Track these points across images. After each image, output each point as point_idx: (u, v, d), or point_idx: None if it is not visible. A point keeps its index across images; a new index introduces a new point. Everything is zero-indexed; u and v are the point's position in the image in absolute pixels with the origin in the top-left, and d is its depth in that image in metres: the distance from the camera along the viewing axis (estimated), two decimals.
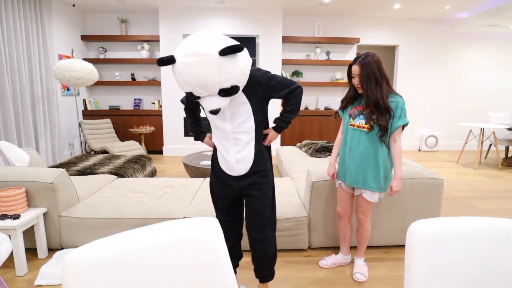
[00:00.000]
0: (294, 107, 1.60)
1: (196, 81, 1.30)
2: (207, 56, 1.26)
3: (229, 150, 1.58)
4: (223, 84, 1.31)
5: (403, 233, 2.38)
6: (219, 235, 0.93)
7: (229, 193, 1.67)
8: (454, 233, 0.90)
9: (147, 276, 0.81)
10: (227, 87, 1.33)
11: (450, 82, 6.44)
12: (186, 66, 1.29)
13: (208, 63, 1.26)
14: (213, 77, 1.29)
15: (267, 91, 1.53)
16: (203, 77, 1.29)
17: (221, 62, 1.27)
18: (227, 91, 1.34)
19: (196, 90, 1.34)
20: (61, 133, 4.88)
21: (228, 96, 1.37)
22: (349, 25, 6.08)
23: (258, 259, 1.73)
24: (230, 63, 1.29)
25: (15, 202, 2.09)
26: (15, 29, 3.92)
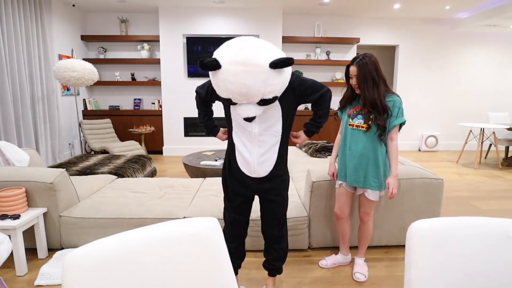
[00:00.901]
0: (325, 112, 1.63)
1: (240, 90, 1.27)
2: (258, 68, 1.23)
3: (252, 151, 1.55)
4: (267, 95, 1.30)
5: (403, 233, 2.38)
6: (219, 235, 0.93)
7: (245, 193, 1.67)
8: (454, 233, 0.90)
9: (147, 276, 0.81)
10: (268, 98, 1.33)
11: (450, 82, 6.44)
12: (233, 74, 1.25)
13: (257, 74, 1.24)
14: (259, 88, 1.27)
15: (299, 96, 1.53)
16: (249, 87, 1.26)
17: (270, 74, 1.25)
18: (267, 101, 1.34)
19: (236, 97, 1.31)
20: (61, 133, 4.87)
21: (267, 105, 1.37)
22: (349, 25, 6.08)
23: (272, 255, 1.79)
24: (278, 75, 1.28)
25: (15, 202, 2.09)
26: (15, 29, 3.92)
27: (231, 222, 1.73)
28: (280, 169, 1.62)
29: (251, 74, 1.24)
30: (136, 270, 0.80)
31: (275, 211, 1.70)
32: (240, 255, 1.81)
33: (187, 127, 5.94)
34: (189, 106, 5.82)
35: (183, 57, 5.69)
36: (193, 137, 5.97)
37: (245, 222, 1.76)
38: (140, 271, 0.80)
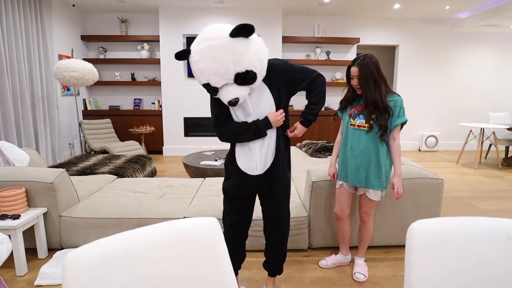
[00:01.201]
0: (319, 97, 1.58)
1: (210, 67, 1.29)
2: (219, 39, 1.26)
3: (252, 146, 1.55)
4: (237, 67, 1.29)
5: (403, 233, 2.38)
6: (219, 235, 0.93)
7: (246, 194, 1.66)
8: (454, 233, 0.90)
9: (147, 276, 0.81)
10: (241, 71, 1.30)
11: (450, 82, 6.44)
12: (200, 52, 1.29)
13: (219, 46, 1.26)
14: (226, 59, 1.27)
15: (289, 82, 1.51)
16: (217, 60, 1.27)
17: (232, 43, 1.26)
18: (243, 77, 1.32)
19: (212, 78, 1.32)
20: (61, 133, 4.88)
21: (246, 84, 1.35)
22: (349, 25, 6.08)
23: (273, 256, 1.79)
24: (241, 44, 1.28)
25: (15, 202, 2.09)
26: (15, 29, 3.92)
27: (230, 223, 1.71)
28: (281, 166, 1.60)
29: (214, 47, 1.26)
30: (136, 270, 0.80)
31: (278, 208, 1.69)
32: (239, 257, 1.81)
33: (187, 127, 5.93)
34: (189, 106, 5.82)
35: None
36: (193, 137, 5.96)
37: (244, 224, 1.74)
38: (140, 271, 0.80)
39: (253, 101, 1.50)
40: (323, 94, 1.59)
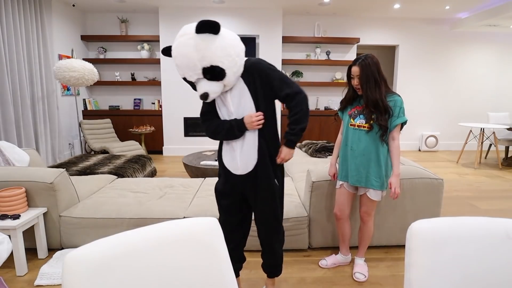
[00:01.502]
0: (298, 116, 1.50)
1: (181, 61, 1.37)
2: (187, 35, 1.34)
3: (234, 145, 1.57)
4: (203, 62, 1.34)
5: (403, 233, 2.38)
6: (219, 235, 0.93)
7: (231, 192, 1.65)
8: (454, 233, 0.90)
9: (147, 276, 0.81)
10: (206, 66, 1.35)
11: (450, 82, 6.44)
12: (175, 48, 1.38)
13: (187, 41, 1.33)
14: (191, 54, 1.33)
15: (265, 84, 1.48)
16: (185, 56, 1.35)
17: (198, 40, 1.32)
18: (210, 73, 1.36)
19: (186, 73, 1.39)
20: (61, 133, 4.87)
21: (215, 80, 1.38)
22: (349, 25, 6.08)
23: (267, 260, 1.78)
24: (205, 40, 1.33)
25: (15, 202, 2.09)
26: (15, 29, 3.92)
27: (222, 223, 1.67)
28: (265, 173, 1.55)
29: (183, 42, 1.34)
30: (136, 270, 0.80)
31: (262, 217, 1.65)
32: (237, 258, 1.78)
33: (187, 127, 5.93)
34: (189, 106, 5.82)
35: None
36: (193, 137, 5.96)
37: (236, 224, 1.70)
38: (140, 271, 0.80)
39: (235, 101, 1.51)
40: (304, 113, 1.51)
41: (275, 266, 1.80)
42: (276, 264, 1.79)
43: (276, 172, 1.63)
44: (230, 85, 1.46)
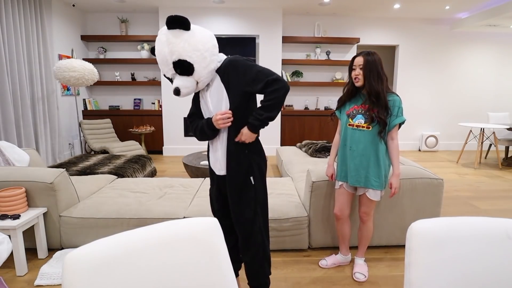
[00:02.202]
0: (271, 104, 1.40)
1: (158, 57, 1.44)
2: (161, 32, 1.42)
3: (215, 145, 1.61)
4: (172, 57, 1.39)
5: (403, 233, 2.38)
6: (219, 235, 0.93)
7: (220, 195, 1.66)
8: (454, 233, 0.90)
9: (147, 276, 0.81)
10: (175, 60, 1.39)
11: (450, 82, 6.44)
12: (155, 46, 1.47)
13: (160, 37, 1.41)
14: (163, 49, 1.40)
15: (243, 80, 1.43)
16: (159, 52, 1.42)
17: (168, 35, 1.39)
18: (180, 67, 1.40)
19: (163, 68, 1.46)
20: (61, 133, 4.88)
21: (185, 75, 1.42)
22: (349, 25, 6.08)
23: (246, 268, 1.66)
24: (175, 35, 1.38)
25: (15, 202, 2.09)
26: (15, 29, 3.92)
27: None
28: (237, 173, 1.52)
29: (158, 39, 1.43)
30: (136, 270, 0.80)
31: (235, 219, 1.58)
32: (234, 258, 1.74)
33: (187, 127, 5.93)
34: (189, 106, 5.79)
35: None
36: (193, 137, 5.95)
37: (230, 227, 1.66)
38: (140, 271, 0.80)
39: (214, 100, 1.52)
40: (278, 101, 1.41)
41: (253, 278, 1.64)
42: (255, 275, 1.63)
43: (253, 171, 1.55)
44: (203, 81, 1.47)
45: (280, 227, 2.28)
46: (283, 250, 2.37)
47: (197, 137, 1.62)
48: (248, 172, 1.55)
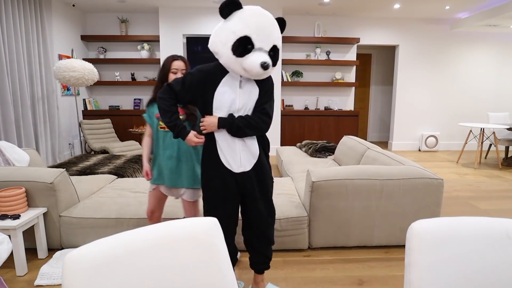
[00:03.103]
0: (254, 123, 1.51)
1: (268, 28, 1.49)
2: (271, 15, 1.52)
3: (231, 143, 1.55)
4: (273, 37, 1.48)
5: (403, 233, 2.38)
6: (219, 235, 0.92)
7: (236, 193, 1.64)
8: (454, 233, 0.90)
9: (147, 276, 0.81)
10: (274, 44, 1.49)
11: (450, 82, 6.44)
12: (264, 14, 1.50)
13: (273, 19, 1.51)
14: (276, 29, 1.51)
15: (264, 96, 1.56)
16: (273, 26, 1.50)
17: (272, 19, 1.49)
18: (274, 51, 1.50)
19: (263, 39, 1.45)
20: (61, 133, 4.88)
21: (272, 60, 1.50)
22: (349, 25, 6.08)
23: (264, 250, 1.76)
24: (276, 25, 1.50)
25: (15, 202, 2.09)
26: (15, 29, 3.92)
27: (227, 229, 1.66)
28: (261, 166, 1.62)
29: (271, 17, 1.50)
30: (136, 270, 0.80)
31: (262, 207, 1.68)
32: (233, 252, 1.79)
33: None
34: None
35: None
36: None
37: (233, 223, 1.71)
38: (140, 271, 0.80)
39: (244, 97, 1.53)
40: (257, 127, 1.52)
41: (269, 258, 1.81)
42: (270, 255, 1.81)
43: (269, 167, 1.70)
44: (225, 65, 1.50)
45: (280, 227, 2.28)
46: (283, 250, 2.37)
47: (160, 113, 1.56)
48: (268, 167, 1.68)
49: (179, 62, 1.82)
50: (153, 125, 1.88)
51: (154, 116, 1.86)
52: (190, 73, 1.56)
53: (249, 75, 1.46)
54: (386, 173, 2.32)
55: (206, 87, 1.52)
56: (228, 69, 1.51)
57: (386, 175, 2.30)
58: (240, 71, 1.45)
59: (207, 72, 1.53)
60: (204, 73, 1.53)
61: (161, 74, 1.83)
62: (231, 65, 1.46)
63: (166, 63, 1.83)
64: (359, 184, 2.27)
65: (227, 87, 1.51)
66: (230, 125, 1.50)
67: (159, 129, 1.85)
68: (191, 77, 1.53)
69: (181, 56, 1.85)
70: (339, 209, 2.30)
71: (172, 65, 1.81)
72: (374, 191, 2.29)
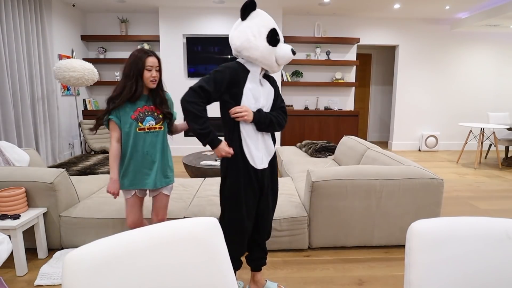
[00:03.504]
0: (278, 119, 1.64)
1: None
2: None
3: (256, 139, 1.61)
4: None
5: (403, 233, 2.38)
6: (219, 235, 0.93)
7: (256, 190, 1.66)
8: (454, 233, 0.90)
9: (147, 276, 0.81)
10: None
11: (450, 82, 6.44)
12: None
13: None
14: None
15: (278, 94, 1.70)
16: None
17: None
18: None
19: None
20: (61, 133, 4.88)
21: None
22: (349, 25, 6.08)
23: (263, 247, 1.82)
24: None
25: (15, 202, 2.09)
26: (15, 29, 3.92)
27: (243, 230, 1.65)
28: (275, 162, 1.74)
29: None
30: (136, 270, 0.80)
31: (273, 201, 1.79)
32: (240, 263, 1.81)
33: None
34: None
35: (183, 57, 5.70)
36: (193, 137, 5.96)
37: (253, 221, 1.72)
38: (140, 271, 0.80)
39: (264, 97, 1.62)
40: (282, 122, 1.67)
41: (266, 253, 1.86)
42: (267, 250, 1.86)
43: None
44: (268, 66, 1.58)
45: (280, 227, 2.28)
46: (283, 250, 2.37)
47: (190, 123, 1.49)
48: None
49: (154, 59, 1.70)
50: (128, 127, 1.72)
51: (129, 117, 1.72)
52: (218, 71, 1.52)
53: (273, 67, 1.57)
54: (386, 173, 2.32)
55: (236, 83, 1.54)
56: (256, 62, 1.55)
57: (386, 175, 2.30)
58: (272, 62, 1.55)
59: (235, 69, 1.54)
60: (232, 70, 1.53)
61: (134, 70, 1.66)
62: (266, 55, 1.53)
63: (139, 58, 1.67)
64: (359, 184, 2.27)
65: (254, 84, 1.57)
66: (264, 118, 1.58)
67: (138, 131, 1.73)
68: (221, 74, 1.51)
69: (153, 52, 1.73)
70: (339, 209, 2.30)
71: (147, 62, 1.68)
72: (374, 191, 2.29)
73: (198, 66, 5.72)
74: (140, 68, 1.67)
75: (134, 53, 1.71)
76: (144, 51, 1.70)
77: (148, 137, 1.76)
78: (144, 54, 1.68)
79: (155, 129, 1.78)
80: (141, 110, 1.74)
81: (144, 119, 1.75)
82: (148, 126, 1.76)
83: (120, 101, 1.68)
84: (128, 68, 1.68)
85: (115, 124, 1.75)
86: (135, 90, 1.68)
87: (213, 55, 5.67)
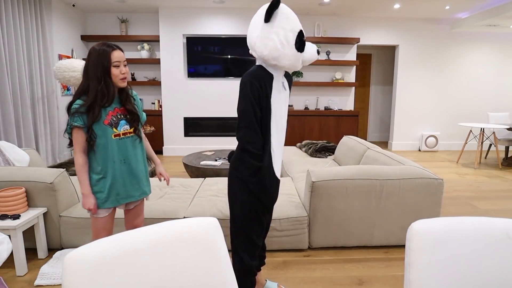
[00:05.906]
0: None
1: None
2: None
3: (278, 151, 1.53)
4: None
5: (403, 233, 2.38)
6: (219, 235, 0.92)
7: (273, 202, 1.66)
8: (454, 233, 0.90)
9: (147, 276, 0.81)
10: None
11: (450, 82, 6.44)
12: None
13: None
14: None
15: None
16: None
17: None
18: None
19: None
20: (61, 133, 4.87)
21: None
22: (349, 25, 6.08)
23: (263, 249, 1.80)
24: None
25: (15, 202, 2.09)
26: (15, 29, 3.92)
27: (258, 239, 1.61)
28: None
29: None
30: (136, 270, 0.80)
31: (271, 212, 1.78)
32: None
33: (187, 127, 5.93)
34: (189, 106, 5.83)
35: (183, 57, 5.70)
36: (193, 137, 5.97)
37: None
38: (140, 271, 0.80)
39: (286, 97, 1.57)
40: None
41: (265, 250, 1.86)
42: (265, 248, 1.86)
43: None
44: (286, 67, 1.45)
45: (280, 227, 2.28)
46: (283, 250, 2.37)
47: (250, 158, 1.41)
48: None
49: (119, 53, 1.46)
50: (102, 134, 1.49)
51: (102, 123, 1.47)
52: (247, 86, 1.37)
53: (297, 68, 1.48)
54: (386, 173, 2.32)
55: (264, 95, 1.41)
56: (284, 68, 1.45)
57: (386, 175, 2.30)
58: (298, 66, 1.46)
59: (261, 78, 1.40)
60: (260, 81, 1.40)
61: (100, 69, 1.43)
62: (294, 62, 1.41)
63: (104, 54, 1.43)
64: (359, 184, 2.27)
65: (277, 91, 1.46)
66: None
67: (113, 138, 1.51)
68: (254, 90, 1.37)
69: (117, 45, 1.49)
70: (339, 209, 2.30)
71: (112, 57, 1.43)
72: (374, 191, 2.29)
73: (198, 66, 5.72)
74: (106, 65, 1.43)
75: (94, 48, 1.44)
76: (107, 45, 1.45)
77: (125, 144, 1.54)
78: (108, 48, 1.44)
79: (130, 134, 1.57)
80: (113, 113, 1.51)
81: (118, 123, 1.52)
82: (123, 131, 1.54)
83: (98, 111, 1.44)
84: (94, 68, 1.44)
85: (82, 131, 1.45)
86: (107, 93, 1.45)
87: (213, 55, 5.67)
